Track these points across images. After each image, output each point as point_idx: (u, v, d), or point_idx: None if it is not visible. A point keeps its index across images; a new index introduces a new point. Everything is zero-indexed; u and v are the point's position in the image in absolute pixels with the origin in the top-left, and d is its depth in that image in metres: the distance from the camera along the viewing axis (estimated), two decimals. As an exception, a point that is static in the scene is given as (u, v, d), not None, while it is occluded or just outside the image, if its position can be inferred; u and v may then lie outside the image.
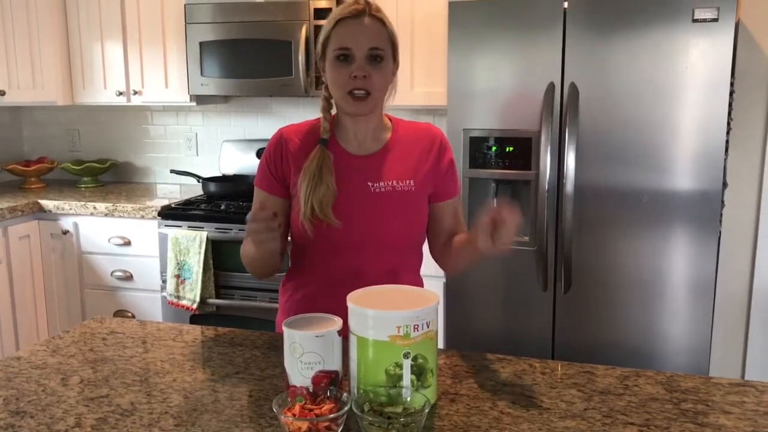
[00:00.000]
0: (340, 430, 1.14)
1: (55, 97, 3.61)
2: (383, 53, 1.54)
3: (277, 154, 1.63)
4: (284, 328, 1.25)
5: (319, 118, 1.63)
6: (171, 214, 3.21)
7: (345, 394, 1.18)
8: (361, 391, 1.20)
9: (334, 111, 1.64)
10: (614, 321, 2.60)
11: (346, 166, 1.60)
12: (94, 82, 3.61)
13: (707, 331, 2.53)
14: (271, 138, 1.66)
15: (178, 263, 3.12)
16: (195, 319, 3.12)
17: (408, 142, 1.65)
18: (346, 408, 1.14)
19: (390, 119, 1.69)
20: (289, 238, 1.67)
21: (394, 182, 1.60)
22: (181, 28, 3.38)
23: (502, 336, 2.75)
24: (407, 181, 1.61)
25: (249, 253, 1.59)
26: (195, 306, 3.09)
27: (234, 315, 3.12)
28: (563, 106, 2.54)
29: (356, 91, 1.53)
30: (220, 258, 3.10)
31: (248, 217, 1.55)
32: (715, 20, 2.36)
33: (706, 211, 2.47)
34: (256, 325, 2.98)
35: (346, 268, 1.58)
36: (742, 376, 3.00)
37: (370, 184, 1.59)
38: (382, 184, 1.59)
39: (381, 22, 1.55)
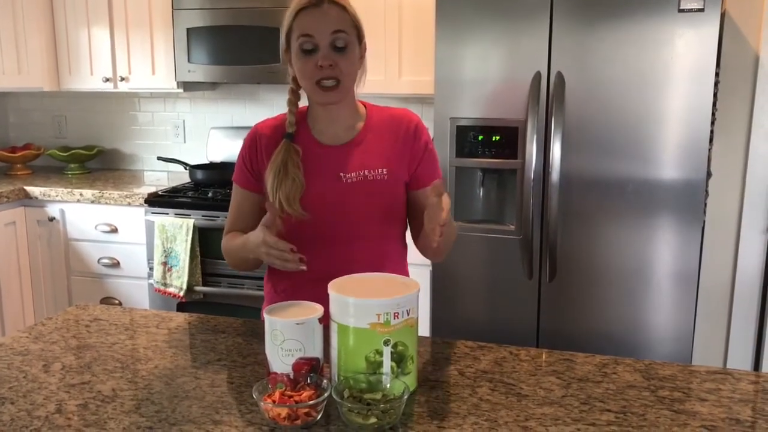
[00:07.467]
0: (319, 416, 1.15)
1: (41, 83, 3.58)
2: (347, 37, 1.52)
3: (252, 150, 1.63)
4: (265, 316, 1.25)
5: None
6: (158, 201, 3.20)
7: (325, 381, 1.19)
8: (342, 378, 1.21)
9: (303, 103, 1.63)
10: (599, 310, 2.63)
11: (319, 157, 1.59)
12: (81, 68, 3.59)
13: (690, 319, 2.56)
14: (247, 134, 1.65)
15: (164, 250, 3.12)
16: (182, 306, 3.12)
17: (382, 130, 1.63)
18: (325, 395, 1.15)
19: (364, 105, 1.67)
20: None
21: (366, 172, 1.58)
22: (168, 14, 3.36)
23: (487, 324, 2.76)
24: (380, 170, 1.59)
25: (239, 253, 1.60)
26: (182, 293, 3.09)
27: (221, 302, 3.12)
28: (549, 96, 2.55)
29: (325, 81, 1.52)
30: (207, 245, 3.09)
31: (263, 224, 1.47)
32: (701, 10, 2.37)
33: (690, 200, 2.48)
34: (242, 312, 2.99)
35: (323, 261, 1.56)
36: (724, 364, 3.03)
37: (342, 174, 1.58)
38: (353, 174, 1.58)
39: (342, 7, 1.54)
